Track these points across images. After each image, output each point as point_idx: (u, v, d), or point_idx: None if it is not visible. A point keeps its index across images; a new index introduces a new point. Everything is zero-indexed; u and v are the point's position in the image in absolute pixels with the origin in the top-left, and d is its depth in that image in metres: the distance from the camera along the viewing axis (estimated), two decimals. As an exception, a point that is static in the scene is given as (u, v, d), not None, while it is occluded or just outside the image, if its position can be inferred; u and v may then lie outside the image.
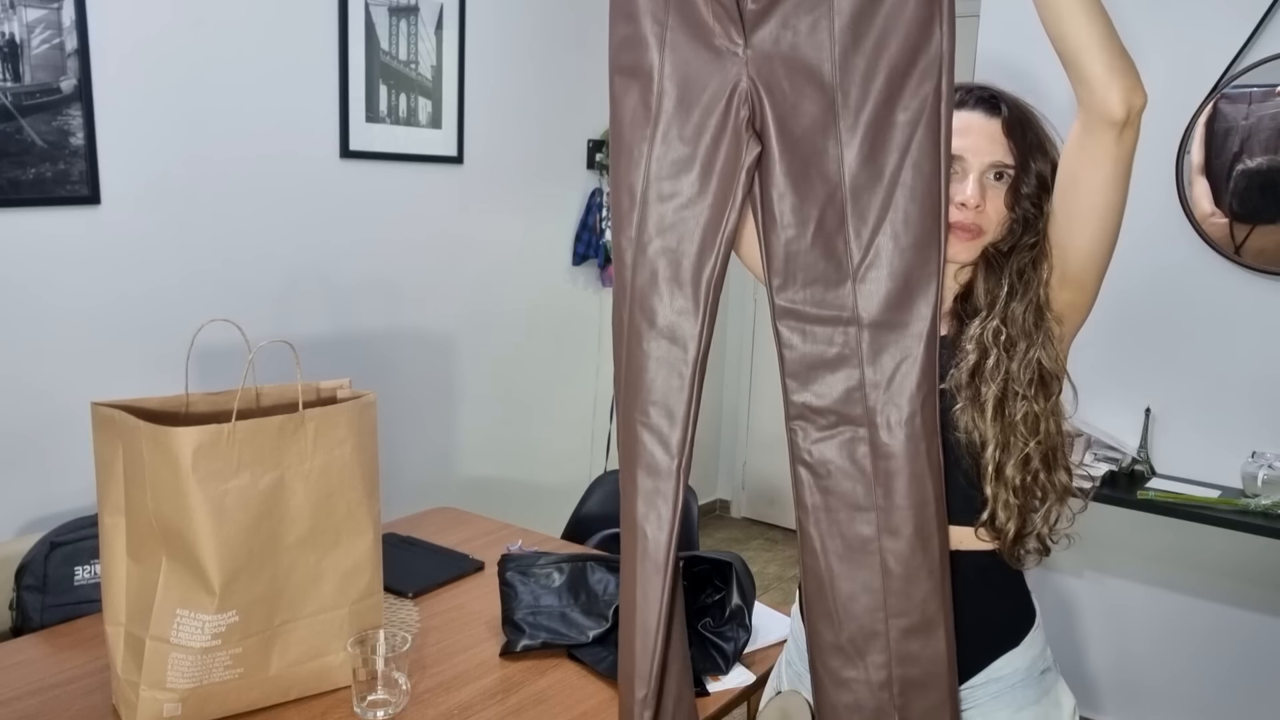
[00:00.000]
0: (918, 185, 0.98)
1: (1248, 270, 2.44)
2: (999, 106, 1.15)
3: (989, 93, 1.16)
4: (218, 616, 1.29)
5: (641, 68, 1.08)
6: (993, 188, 1.14)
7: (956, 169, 1.13)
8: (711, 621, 1.57)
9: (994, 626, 1.20)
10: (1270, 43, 2.37)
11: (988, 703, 1.19)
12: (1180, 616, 2.68)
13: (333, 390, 1.47)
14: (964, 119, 1.13)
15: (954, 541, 1.13)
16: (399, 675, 1.39)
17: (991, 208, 1.14)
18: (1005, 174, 1.14)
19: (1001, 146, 1.13)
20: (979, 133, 1.14)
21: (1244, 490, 2.39)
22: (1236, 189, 2.42)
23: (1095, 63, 1.01)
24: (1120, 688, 2.79)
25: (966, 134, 1.13)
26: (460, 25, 2.92)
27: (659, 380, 1.07)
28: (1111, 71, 1.01)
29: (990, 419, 1.11)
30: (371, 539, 1.43)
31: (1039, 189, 1.14)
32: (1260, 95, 2.37)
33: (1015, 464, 1.11)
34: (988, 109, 1.15)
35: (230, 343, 1.48)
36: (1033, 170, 1.13)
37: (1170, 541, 2.66)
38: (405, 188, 2.87)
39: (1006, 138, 1.13)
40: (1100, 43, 1.01)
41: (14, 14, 2.00)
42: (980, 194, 1.13)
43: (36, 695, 1.40)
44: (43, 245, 2.13)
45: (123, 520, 1.30)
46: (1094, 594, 2.79)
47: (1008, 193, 1.13)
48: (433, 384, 3.07)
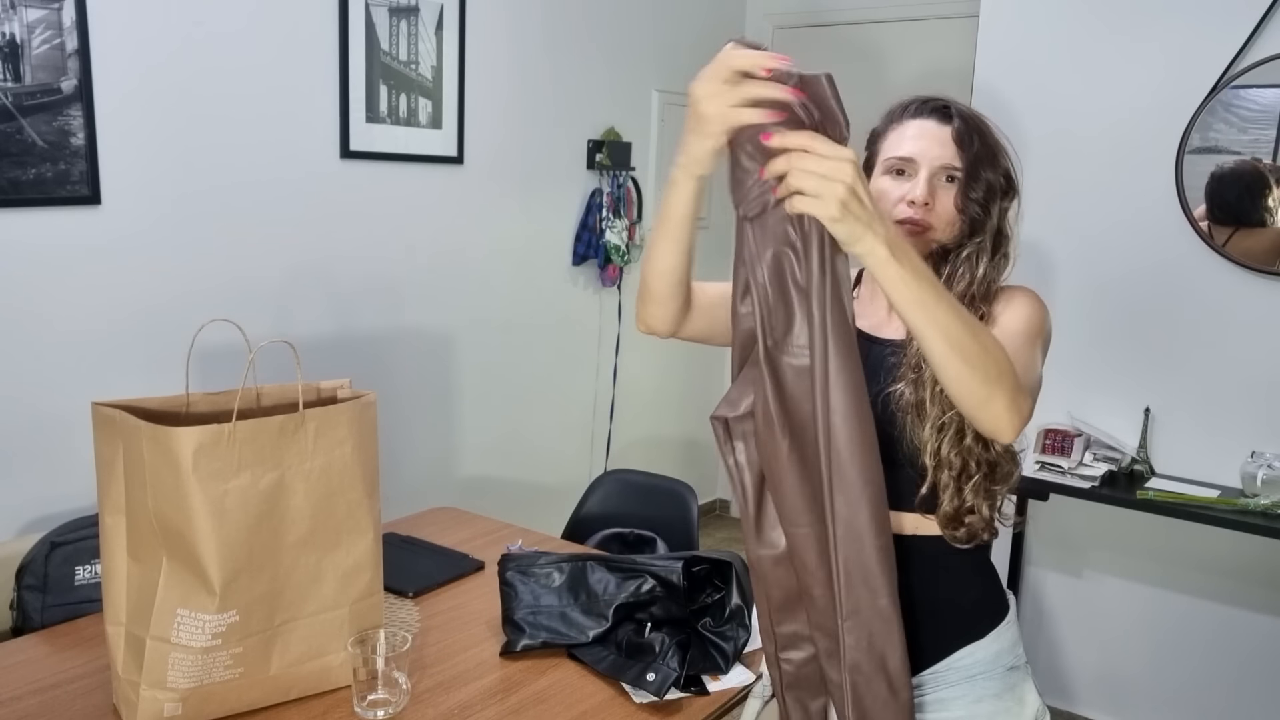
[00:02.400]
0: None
1: (1248, 270, 2.44)
2: (950, 116, 1.23)
3: (942, 103, 1.25)
4: (218, 616, 1.29)
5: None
6: (943, 189, 1.22)
7: (909, 171, 1.23)
8: (711, 621, 1.57)
9: (957, 614, 1.24)
10: (1270, 43, 2.37)
11: (943, 690, 1.22)
12: (1180, 616, 2.68)
13: (333, 390, 1.47)
14: (918, 125, 1.23)
15: (909, 527, 1.21)
16: (399, 675, 1.39)
17: (941, 207, 1.21)
18: (955, 177, 1.22)
19: (951, 151, 1.21)
20: (930, 138, 1.22)
21: (1243, 490, 2.39)
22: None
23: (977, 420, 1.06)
24: (1120, 687, 2.79)
25: (919, 139, 1.22)
26: (460, 25, 2.92)
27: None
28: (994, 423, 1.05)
29: (930, 400, 1.17)
30: (371, 539, 1.43)
31: (987, 195, 1.22)
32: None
33: (950, 439, 1.17)
34: (940, 117, 1.23)
35: (230, 343, 1.48)
36: (981, 178, 1.21)
37: (1169, 541, 2.66)
38: (405, 188, 2.87)
39: (956, 145, 1.21)
40: (972, 402, 1.03)
41: (14, 14, 2.00)
42: (929, 193, 1.21)
43: (37, 695, 1.40)
44: (43, 245, 2.13)
45: (123, 520, 1.30)
46: (1094, 594, 2.79)
47: (957, 194, 1.21)
48: (433, 384, 3.07)
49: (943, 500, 1.19)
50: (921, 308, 0.98)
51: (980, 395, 1.02)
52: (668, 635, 1.51)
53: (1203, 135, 2.45)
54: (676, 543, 2.20)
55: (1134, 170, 2.59)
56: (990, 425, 1.05)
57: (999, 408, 1.03)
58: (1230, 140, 2.41)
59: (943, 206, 1.22)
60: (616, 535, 2.24)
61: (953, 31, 3.63)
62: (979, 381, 1.01)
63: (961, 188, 1.21)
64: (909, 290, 0.97)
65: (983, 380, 1.01)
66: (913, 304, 0.98)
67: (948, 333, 0.99)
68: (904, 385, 1.20)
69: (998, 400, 1.02)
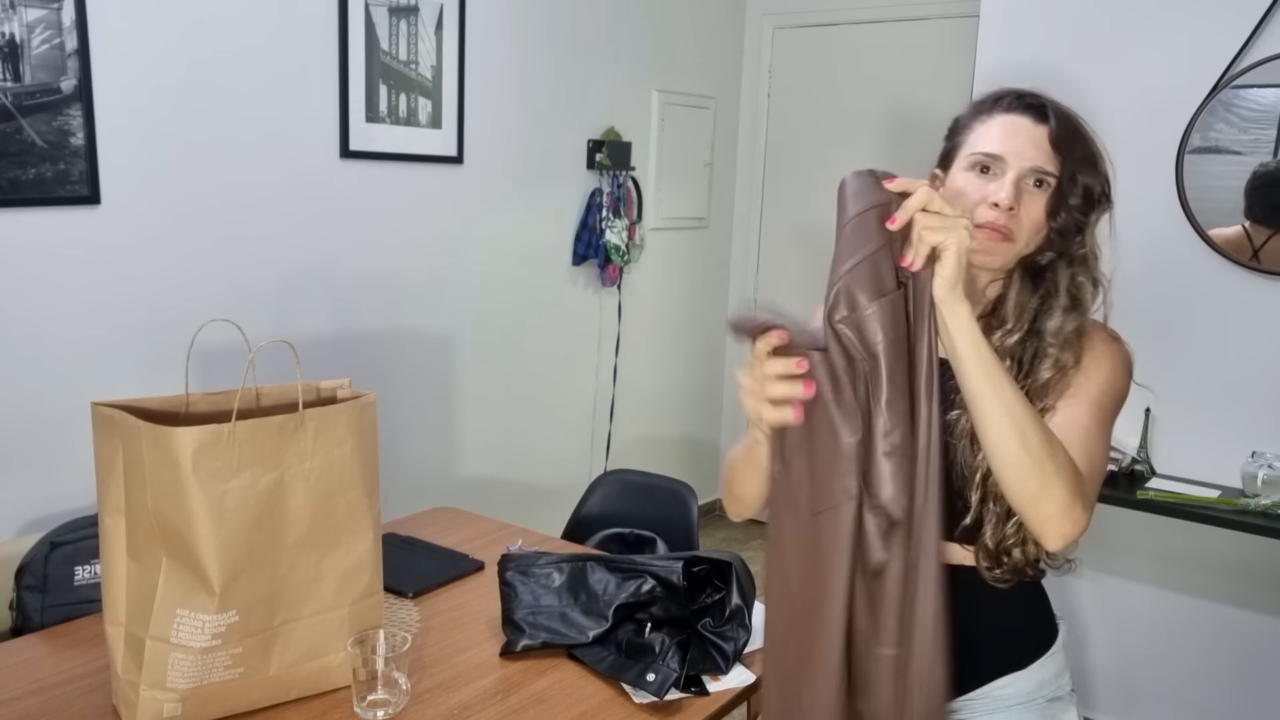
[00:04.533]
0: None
1: (1247, 270, 2.44)
2: (1047, 115, 1.12)
3: (1039, 100, 1.14)
4: (218, 616, 1.28)
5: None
6: (1030, 194, 1.11)
7: (995, 169, 1.12)
8: (711, 621, 1.57)
9: (998, 644, 1.18)
10: (1270, 43, 2.37)
11: (980, 717, 1.18)
12: (1180, 616, 2.68)
13: (333, 390, 1.47)
14: (1009, 121, 1.12)
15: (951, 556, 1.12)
16: (399, 675, 1.39)
17: (1025, 214, 1.11)
18: (1045, 182, 1.11)
19: (1045, 154, 1.11)
20: (1023, 137, 1.11)
21: (1244, 490, 2.39)
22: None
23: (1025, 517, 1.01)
24: (1120, 687, 2.78)
25: (1011, 136, 1.11)
26: (460, 25, 2.92)
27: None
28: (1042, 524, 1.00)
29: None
30: (371, 539, 1.43)
31: (1085, 202, 1.11)
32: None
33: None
34: (1035, 115, 1.12)
35: (230, 343, 1.48)
36: (1079, 183, 1.11)
37: (1170, 541, 2.66)
38: (405, 188, 2.87)
39: (1052, 148, 1.11)
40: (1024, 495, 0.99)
41: (14, 14, 2.00)
42: (1015, 196, 1.10)
43: (36, 695, 1.40)
44: (43, 245, 2.13)
45: (123, 520, 1.30)
46: (1093, 594, 2.79)
47: (1049, 201, 1.11)
48: (433, 384, 3.07)
49: (985, 534, 1.12)
50: (989, 379, 0.95)
51: (1033, 489, 0.97)
52: (668, 635, 1.51)
53: (1203, 135, 2.44)
54: (676, 543, 2.20)
55: (1134, 170, 2.59)
56: (1038, 526, 0.99)
57: (1051, 509, 0.97)
58: (1230, 140, 2.41)
59: (1028, 214, 1.11)
60: (616, 535, 2.24)
61: (953, 31, 3.62)
62: (1035, 473, 0.96)
63: (1056, 193, 1.11)
64: (981, 355, 0.95)
65: (1038, 473, 0.96)
66: (984, 371, 0.95)
67: (1011, 409, 0.95)
68: (962, 410, 1.09)
69: (1051, 500, 0.97)
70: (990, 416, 0.96)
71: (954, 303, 0.94)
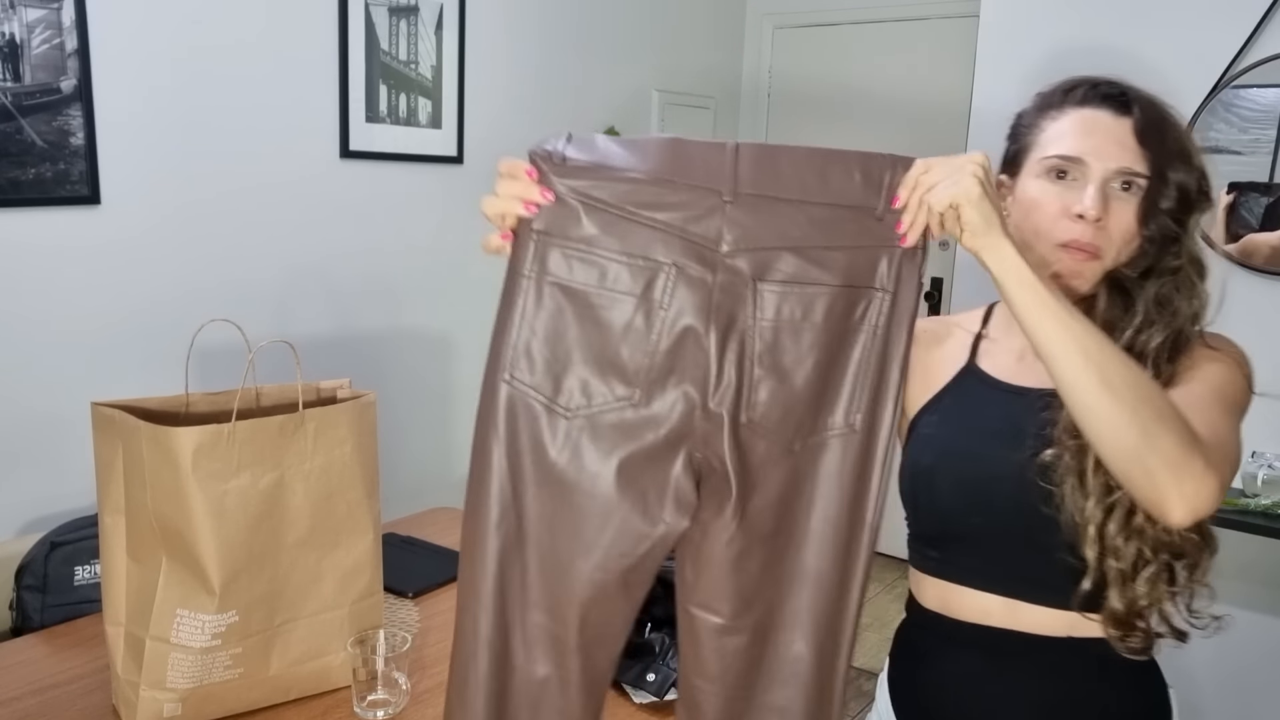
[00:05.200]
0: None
1: (1247, 270, 2.44)
2: (1130, 105, 0.98)
3: (1119, 89, 1.00)
4: (218, 616, 1.28)
5: None
6: (1118, 199, 0.97)
7: (1075, 174, 0.98)
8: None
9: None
10: (1270, 43, 2.37)
11: None
12: (1180, 616, 2.68)
13: (333, 390, 1.47)
14: (1085, 116, 0.99)
15: (1063, 627, 1.01)
16: (399, 675, 1.39)
17: (1115, 223, 0.97)
18: (1135, 184, 0.97)
19: (1132, 152, 0.96)
20: (1104, 133, 0.97)
21: (1244, 490, 2.39)
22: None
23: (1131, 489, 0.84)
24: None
25: (1089, 134, 0.97)
26: (460, 25, 2.92)
27: None
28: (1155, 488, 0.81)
29: (1094, 469, 0.92)
30: (371, 539, 1.43)
31: (1180, 203, 0.96)
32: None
33: (1118, 520, 0.93)
34: (1116, 107, 0.98)
35: (230, 343, 1.47)
36: (1171, 181, 0.96)
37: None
38: (405, 188, 2.87)
39: (1139, 143, 0.96)
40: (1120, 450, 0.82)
41: (14, 14, 2.00)
42: (1102, 205, 0.96)
43: (36, 695, 1.40)
44: (43, 245, 2.13)
45: (123, 520, 1.30)
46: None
47: (1140, 206, 0.96)
48: (433, 384, 3.07)
49: (1110, 598, 0.95)
50: (1050, 313, 0.81)
51: (1131, 440, 0.79)
52: (668, 635, 1.51)
53: (1203, 135, 2.44)
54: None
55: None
56: (1150, 491, 0.81)
57: (1158, 463, 0.79)
58: (1230, 140, 2.41)
59: (1118, 224, 0.97)
60: (616, 535, 2.23)
61: (953, 31, 3.62)
62: (1127, 417, 0.79)
63: (1147, 197, 0.95)
64: (1040, 295, 0.82)
65: (1131, 416, 0.79)
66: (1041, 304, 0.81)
67: (1083, 343, 0.81)
68: (1060, 449, 0.95)
69: (1156, 451, 0.79)
70: (1060, 358, 0.82)
71: (993, 245, 0.83)
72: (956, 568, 1.08)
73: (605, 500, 0.93)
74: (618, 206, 0.89)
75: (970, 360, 1.12)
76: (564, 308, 0.92)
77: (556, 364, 0.92)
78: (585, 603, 0.95)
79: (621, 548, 0.93)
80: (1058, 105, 1.02)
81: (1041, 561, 0.98)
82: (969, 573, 1.06)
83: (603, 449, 0.92)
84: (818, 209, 0.89)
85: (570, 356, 0.92)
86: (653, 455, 0.92)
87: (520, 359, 0.93)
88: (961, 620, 1.07)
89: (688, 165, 0.90)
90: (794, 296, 0.89)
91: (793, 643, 0.95)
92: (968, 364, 1.11)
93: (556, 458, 0.92)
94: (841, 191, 0.89)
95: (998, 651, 1.05)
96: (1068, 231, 0.97)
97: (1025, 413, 1.00)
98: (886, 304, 0.90)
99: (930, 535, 1.10)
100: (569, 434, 0.92)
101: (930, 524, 1.09)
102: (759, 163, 0.89)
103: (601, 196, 0.90)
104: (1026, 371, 1.05)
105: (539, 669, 0.97)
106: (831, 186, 0.89)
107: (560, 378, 0.92)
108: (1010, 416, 1.01)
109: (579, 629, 0.95)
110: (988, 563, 1.05)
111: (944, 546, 1.09)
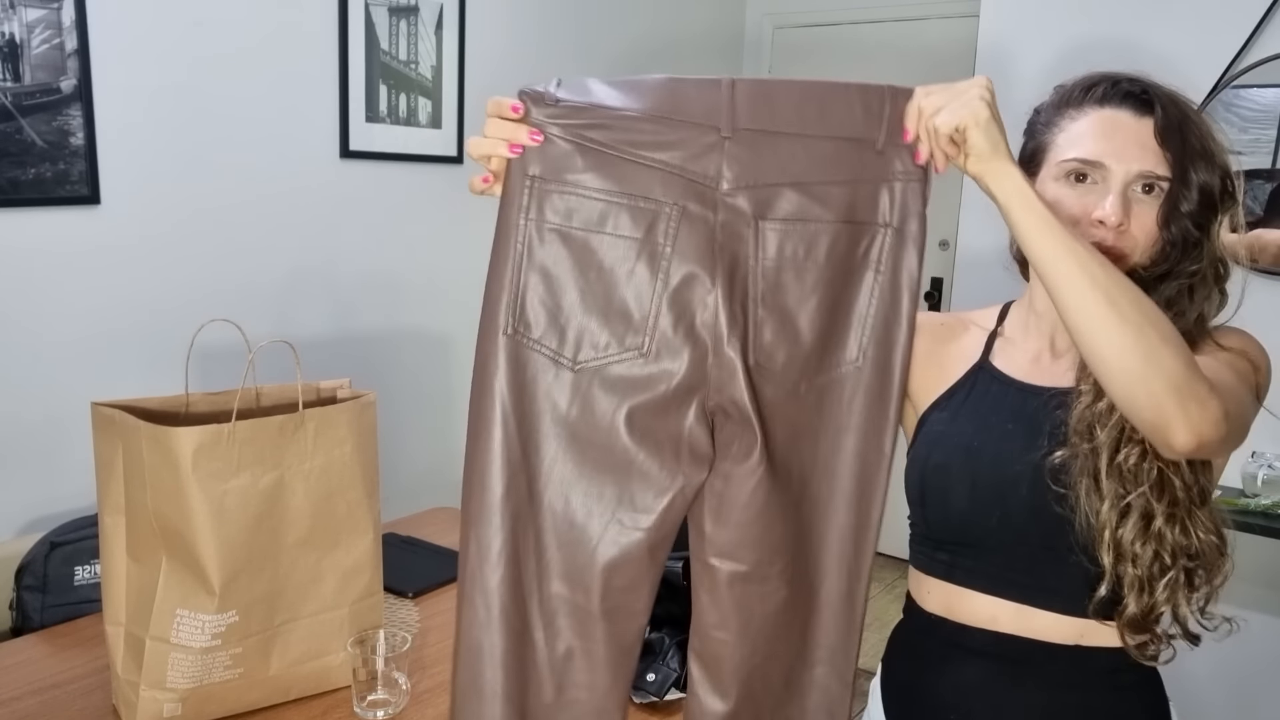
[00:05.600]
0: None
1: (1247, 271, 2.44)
2: (1151, 104, 0.96)
3: (1140, 86, 0.98)
4: (218, 616, 1.28)
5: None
6: (1140, 203, 0.96)
7: (1095, 177, 0.97)
8: (711, 621, 1.56)
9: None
10: (1270, 43, 2.37)
11: None
12: (1180, 616, 2.68)
13: (333, 390, 1.47)
14: (1105, 116, 0.97)
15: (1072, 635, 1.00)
16: (399, 675, 1.39)
17: (1137, 227, 0.95)
18: (1157, 186, 0.95)
19: (1153, 154, 0.95)
20: (1125, 135, 0.95)
21: (1244, 490, 2.39)
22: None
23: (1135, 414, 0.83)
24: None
25: (1110, 136, 0.95)
26: (460, 25, 2.92)
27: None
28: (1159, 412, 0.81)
29: (1107, 471, 0.91)
30: (371, 539, 1.43)
31: (1202, 206, 0.94)
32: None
33: (1134, 524, 0.91)
34: (1136, 106, 0.96)
35: (230, 343, 1.47)
36: (1194, 183, 0.94)
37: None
38: (405, 188, 2.87)
39: (1160, 143, 0.94)
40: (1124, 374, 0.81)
41: (14, 14, 2.00)
42: (1124, 211, 0.94)
43: (36, 695, 1.40)
44: (43, 245, 2.13)
45: (123, 520, 1.30)
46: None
47: (1161, 209, 0.95)
48: (433, 384, 3.07)
49: (1128, 603, 0.93)
50: (1053, 234, 0.81)
51: (1136, 363, 0.78)
52: (668, 635, 1.51)
53: (1203, 135, 2.45)
54: (677, 543, 2.19)
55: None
56: (1154, 415, 0.79)
57: (1162, 386, 0.78)
58: (1230, 140, 2.41)
59: (1140, 226, 0.95)
60: (616, 535, 2.23)
61: (953, 31, 3.62)
62: (1132, 338, 0.78)
63: (1168, 200, 0.94)
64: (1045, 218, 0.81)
65: (1136, 338, 0.78)
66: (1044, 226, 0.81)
67: (1087, 266, 0.80)
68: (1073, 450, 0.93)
69: (1161, 373, 0.78)
70: (1065, 281, 0.80)
71: (998, 169, 0.83)
72: (966, 571, 1.06)
73: (622, 454, 0.88)
74: (613, 147, 0.87)
75: (984, 357, 1.09)
76: (562, 255, 0.88)
77: (560, 314, 0.88)
78: (607, 567, 0.90)
79: (643, 503, 0.90)
80: (1077, 104, 1.00)
81: (1056, 566, 0.96)
82: (979, 576, 1.05)
83: (614, 401, 0.88)
84: (817, 142, 0.87)
85: (573, 306, 0.88)
86: (666, 405, 0.89)
87: (522, 311, 0.89)
88: (967, 625, 1.06)
89: (684, 103, 0.87)
90: (796, 234, 0.87)
91: (820, 583, 0.94)
92: (981, 360, 1.10)
93: (567, 413, 0.88)
94: (841, 124, 0.87)
95: (1004, 658, 1.04)
96: (1090, 237, 0.94)
97: (1040, 412, 0.99)
98: (890, 240, 0.89)
99: (939, 537, 1.08)
100: (578, 387, 0.88)
101: (940, 525, 1.07)
102: (756, 98, 0.87)
103: (596, 137, 0.87)
104: (1041, 372, 1.04)
105: (561, 644, 0.92)
106: (830, 119, 0.87)
107: (564, 329, 0.88)
108: (1025, 416, 1.00)
109: (602, 596, 0.91)
110: (1000, 566, 1.03)
111: (954, 549, 1.07)
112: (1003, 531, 1.01)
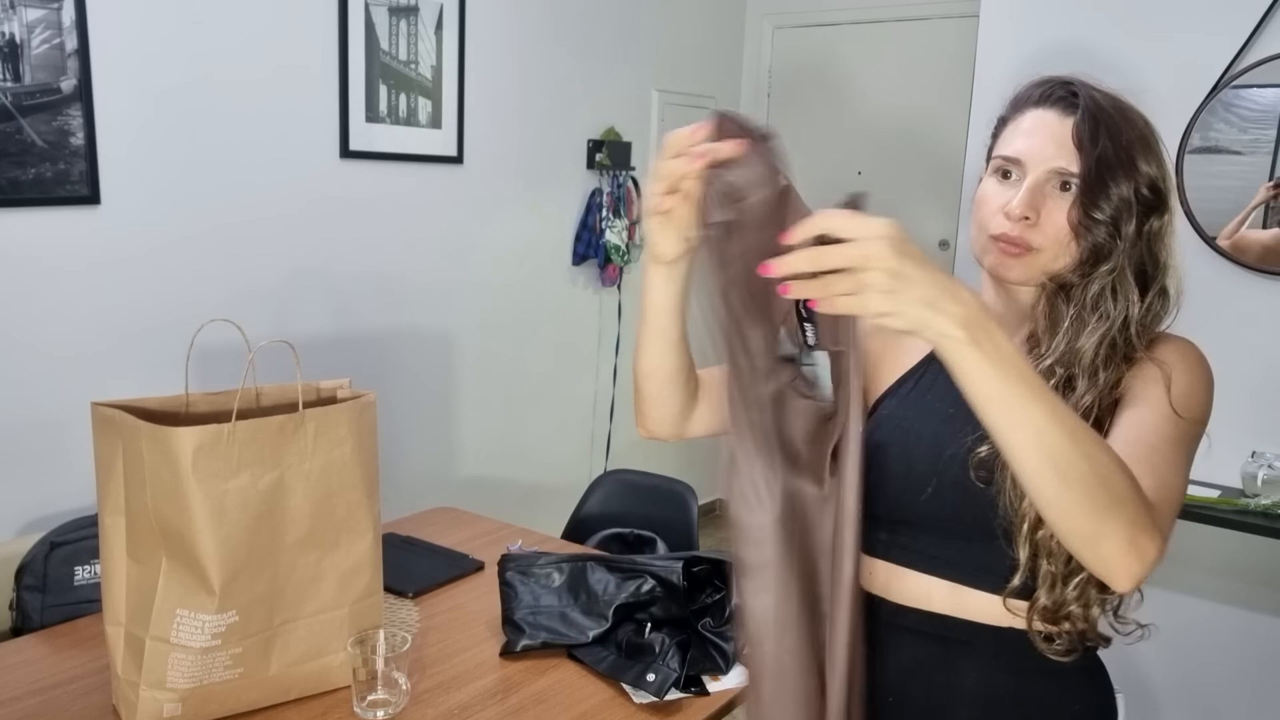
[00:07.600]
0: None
1: (1247, 270, 2.44)
2: (1077, 105, 0.98)
3: (1071, 88, 0.99)
4: (218, 616, 1.28)
5: None
6: (1054, 199, 0.98)
7: (1016, 174, 1.00)
8: (711, 621, 1.57)
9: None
10: (1270, 43, 2.36)
11: None
12: (1179, 616, 2.68)
13: (333, 390, 1.47)
14: (1036, 117, 1.00)
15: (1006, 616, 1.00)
16: (399, 675, 1.39)
17: (1049, 222, 0.98)
18: (1072, 184, 0.97)
19: (1067, 152, 0.97)
20: (1045, 134, 0.98)
21: (1244, 490, 2.39)
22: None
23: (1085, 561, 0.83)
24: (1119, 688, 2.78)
25: (1033, 135, 0.99)
26: (460, 25, 2.92)
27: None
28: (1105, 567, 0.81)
29: None
30: (371, 539, 1.43)
31: (1116, 212, 0.96)
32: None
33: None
34: (1064, 108, 0.98)
35: (230, 343, 1.47)
36: (1108, 189, 0.95)
37: (1170, 542, 2.66)
38: (405, 188, 2.87)
39: (1075, 144, 0.96)
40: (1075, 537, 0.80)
41: (14, 14, 2.00)
42: (1031, 204, 0.97)
43: (36, 695, 1.40)
44: (43, 245, 2.13)
45: (123, 520, 1.30)
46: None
47: (1071, 211, 0.97)
48: (433, 384, 3.07)
49: (1039, 595, 0.96)
50: (1005, 406, 0.74)
51: (1086, 530, 0.78)
52: (668, 635, 1.51)
53: (1203, 135, 2.44)
54: (676, 543, 2.20)
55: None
56: (1100, 569, 0.81)
57: (1111, 549, 0.79)
58: (1230, 140, 2.41)
59: (1051, 222, 0.97)
60: (616, 535, 2.24)
61: (953, 31, 3.63)
62: (1085, 511, 0.77)
63: (1078, 203, 0.96)
64: (990, 383, 0.74)
65: (1090, 510, 0.77)
66: (995, 401, 0.74)
67: (1041, 441, 0.75)
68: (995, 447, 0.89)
69: (1111, 539, 0.78)
70: (1016, 453, 0.77)
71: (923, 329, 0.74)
72: (902, 549, 1.08)
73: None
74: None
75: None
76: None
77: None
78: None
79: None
80: (1020, 106, 1.04)
81: (987, 546, 0.97)
82: (914, 555, 1.06)
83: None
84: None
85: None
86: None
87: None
88: (903, 604, 1.07)
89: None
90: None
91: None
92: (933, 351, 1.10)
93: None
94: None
95: (939, 638, 1.05)
96: (999, 226, 1.00)
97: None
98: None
99: (879, 515, 1.09)
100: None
101: (879, 503, 1.07)
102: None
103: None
104: None
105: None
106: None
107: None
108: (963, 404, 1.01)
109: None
110: (934, 545, 1.05)
111: (891, 527, 1.09)
112: (935, 510, 1.03)
